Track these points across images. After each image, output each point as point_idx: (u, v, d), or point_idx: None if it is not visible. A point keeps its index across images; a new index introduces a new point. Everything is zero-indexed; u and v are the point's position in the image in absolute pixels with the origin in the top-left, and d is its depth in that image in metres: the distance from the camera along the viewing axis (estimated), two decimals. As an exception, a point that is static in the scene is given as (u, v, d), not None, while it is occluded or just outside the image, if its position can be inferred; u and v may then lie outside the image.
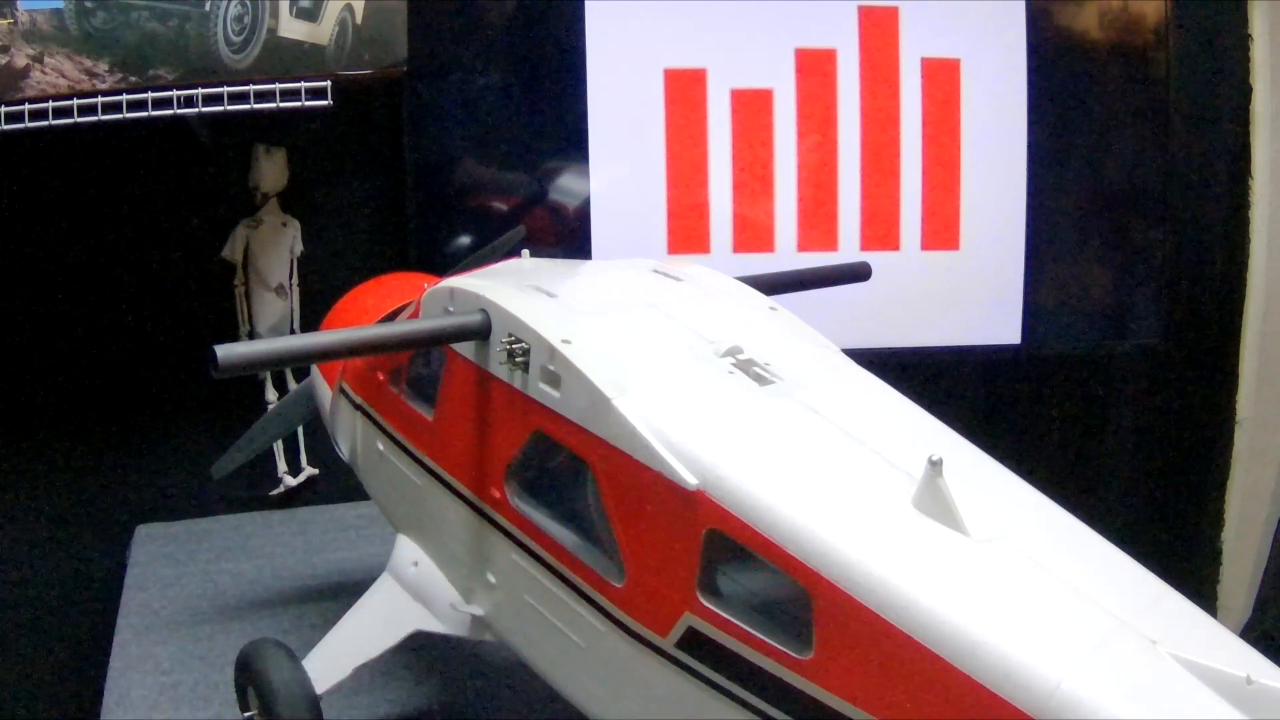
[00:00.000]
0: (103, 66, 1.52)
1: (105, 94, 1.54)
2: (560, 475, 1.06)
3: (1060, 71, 2.07)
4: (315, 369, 1.54)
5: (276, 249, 1.98)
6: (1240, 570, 2.35)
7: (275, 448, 2.00)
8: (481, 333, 1.09)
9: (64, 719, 1.94)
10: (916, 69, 2.02)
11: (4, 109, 1.49)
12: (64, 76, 1.51)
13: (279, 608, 1.69)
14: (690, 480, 0.88)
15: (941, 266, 2.07)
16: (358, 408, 1.36)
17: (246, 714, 1.26)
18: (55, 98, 1.51)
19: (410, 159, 2.01)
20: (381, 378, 1.30)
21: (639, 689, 0.96)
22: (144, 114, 1.58)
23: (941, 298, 2.08)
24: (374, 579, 1.30)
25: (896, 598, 0.78)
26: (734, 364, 1.00)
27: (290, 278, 2.00)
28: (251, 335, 1.98)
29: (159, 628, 1.63)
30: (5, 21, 1.45)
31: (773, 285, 1.23)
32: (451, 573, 1.23)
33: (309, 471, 2.06)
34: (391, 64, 1.84)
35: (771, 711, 0.85)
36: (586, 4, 1.96)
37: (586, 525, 1.01)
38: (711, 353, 1.02)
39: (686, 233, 2.02)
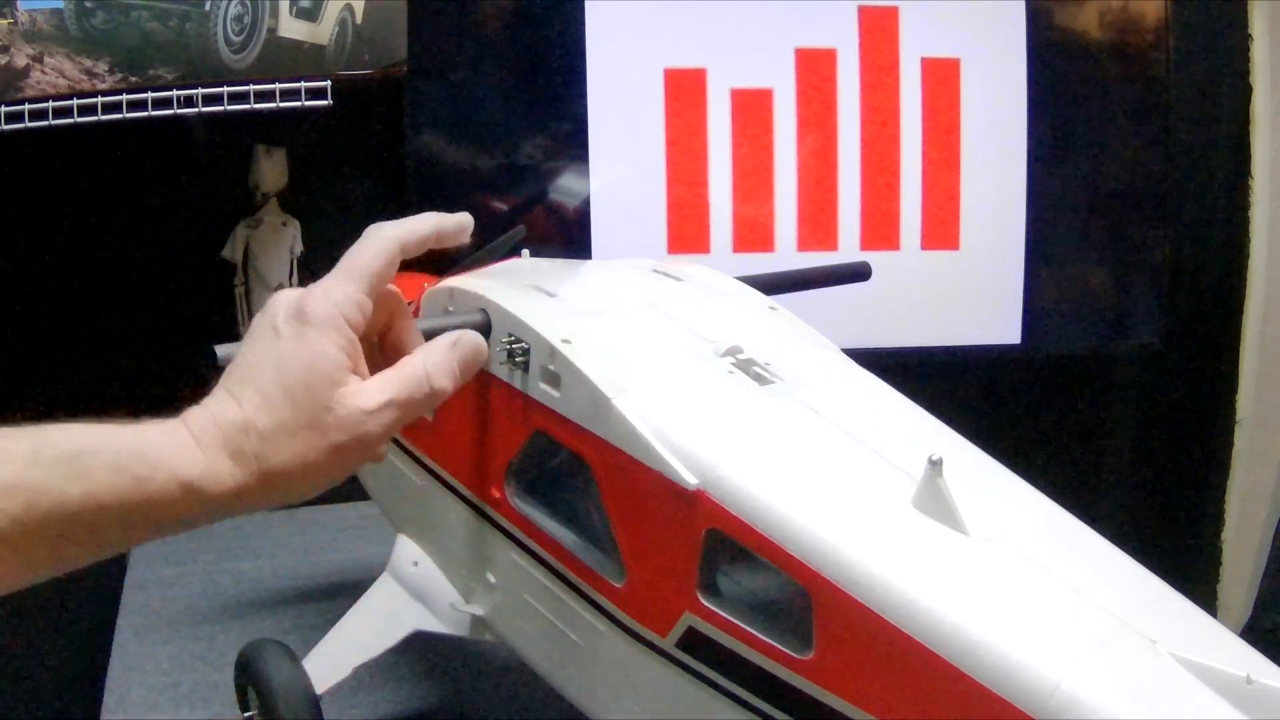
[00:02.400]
0: (103, 66, 1.53)
1: (105, 94, 1.54)
2: (560, 475, 1.06)
3: (1060, 71, 2.07)
4: (315, 369, 1.53)
5: (276, 249, 1.98)
6: (1240, 570, 2.35)
7: (275, 448, 2.00)
8: (481, 332, 1.09)
9: (64, 719, 1.94)
10: (916, 69, 2.02)
11: (4, 109, 1.49)
12: (64, 76, 1.51)
13: (279, 608, 1.69)
14: (690, 480, 0.88)
15: (941, 266, 2.07)
16: (358, 408, 1.36)
17: (246, 714, 1.26)
18: (55, 98, 1.51)
19: (410, 159, 2.01)
20: (381, 378, 1.30)
21: (639, 689, 0.96)
22: (144, 114, 1.58)
23: (941, 298, 2.08)
24: (374, 579, 1.30)
25: (896, 597, 0.78)
26: (734, 364, 1.00)
27: (290, 278, 2.00)
28: (251, 335, 1.98)
29: (159, 628, 1.63)
30: (5, 21, 1.45)
31: (773, 285, 1.23)
32: (451, 573, 1.23)
33: (309, 471, 2.05)
34: (391, 64, 1.84)
35: (771, 711, 0.85)
36: (586, 4, 1.96)
37: (586, 525, 1.01)
38: (711, 353, 1.02)
39: (686, 233, 2.02)
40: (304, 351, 0.75)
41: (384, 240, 0.83)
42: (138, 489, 0.72)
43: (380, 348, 0.84)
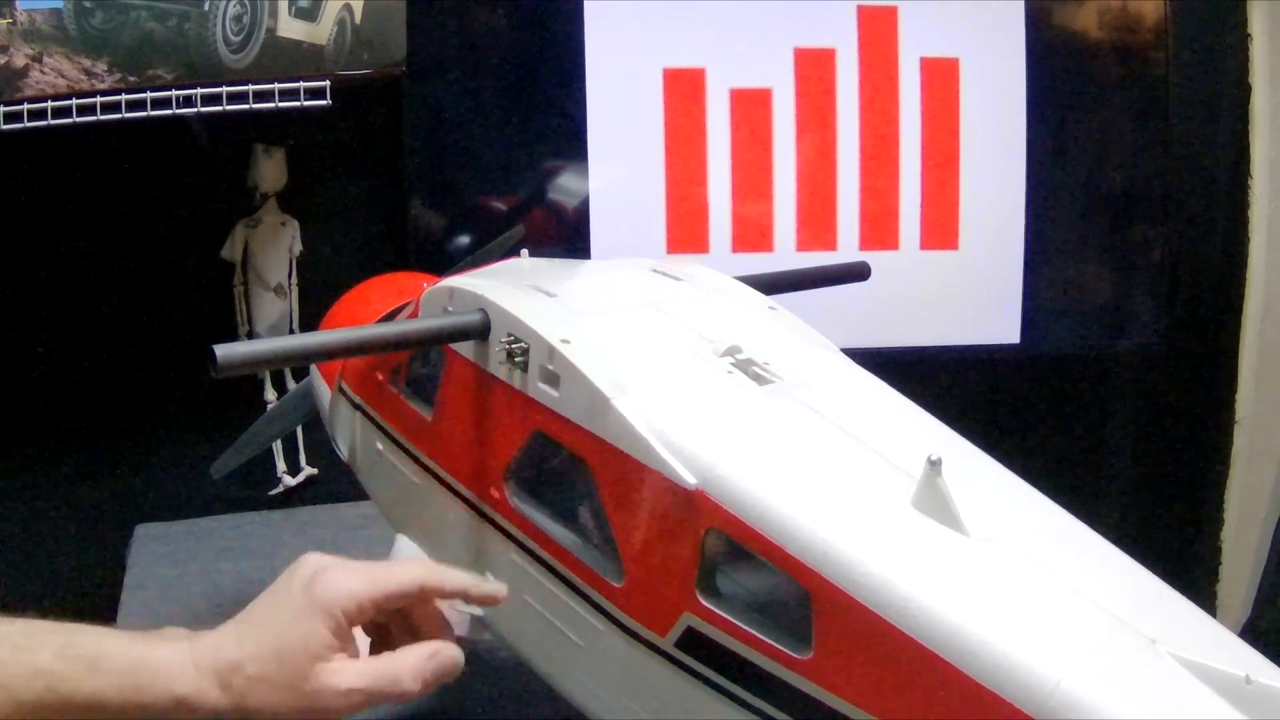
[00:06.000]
0: (101, 66, 1.52)
1: (104, 94, 1.54)
2: (559, 475, 1.06)
3: (1059, 71, 2.07)
4: (314, 368, 1.53)
5: (275, 249, 1.98)
6: (1240, 570, 2.35)
7: (274, 447, 2.00)
8: (480, 332, 1.09)
9: (63, 719, 1.94)
10: (915, 69, 2.02)
11: (2, 109, 1.49)
12: (63, 76, 1.50)
13: (278, 608, 1.68)
14: (689, 480, 0.88)
15: (940, 266, 2.07)
16: (357, 407, 1.36)
17: (246, 714, 1.26)
18: (54, 97, 1.51)
19: (409, 159, 2.01)
20: (380, 377, 1.30)
21: (638, 688, 0.96)
22: (143, 114, 1.58)
23: (940, 297, 2.08)
24: (373, 579, 1.30)
25: (895, 597, 0.77)
26: (733, 363, 1.00)
27: (289, 277, 2.00)
28: (251, 335, 1.98)
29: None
30: (4, 21, 1.45)
31: (772, 285, 1.23)
32: (451, 572, 1.23)
33: (308, 471, 2.06)
34: (390, 64, 1.84)
35: (771, 711, 0.84)
36: (586, 4, 1.96)
37: (586, 525, 1.01)
38: (711, 352, 1.01)
39: (685, 232, 2.02)
40: (303, 625, 0.90)
41: (410, 580, 0.94)
42: (137, 694, 0.87)
43: (405, 625, 0.96)
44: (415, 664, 0.92)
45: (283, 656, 0.89)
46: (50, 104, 1.51)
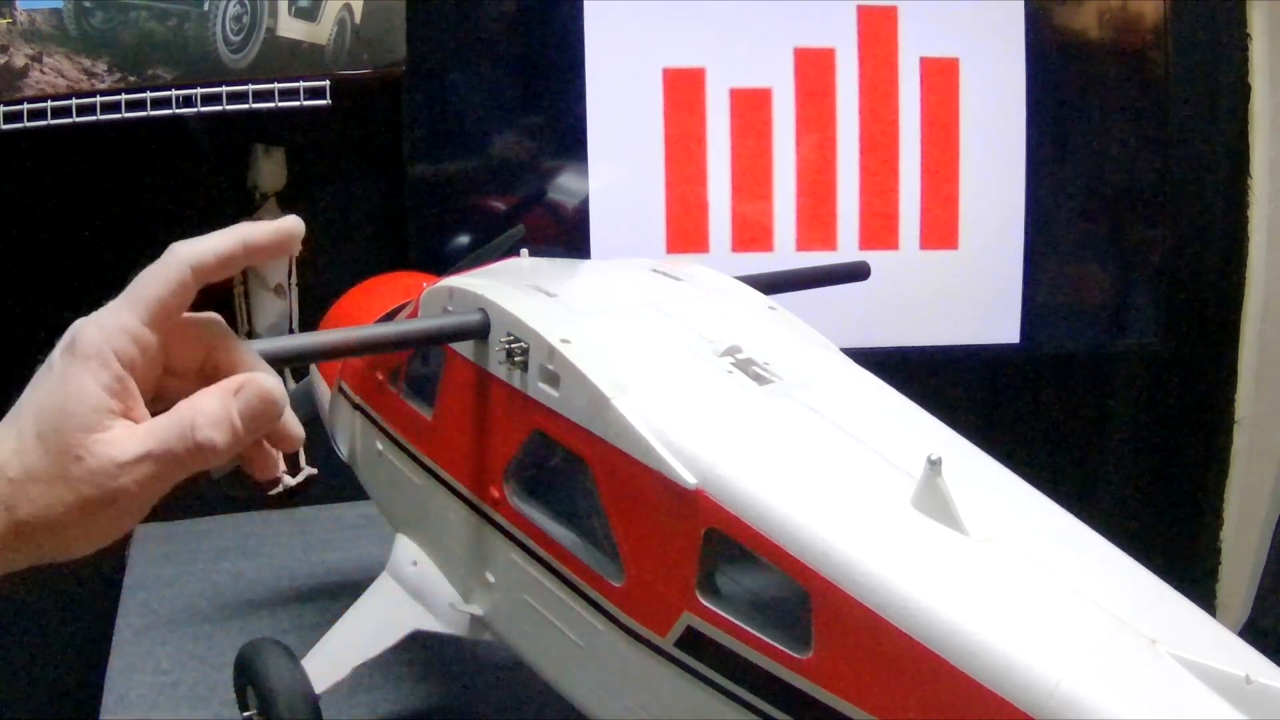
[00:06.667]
0: (101, 66, 1.53)
1: (104, 94, 1.54)
2: (559, 475, 1.06)
3: (1059, 71, 2.07)
4: (314, 368, 1.54)
5: (275, 249, 1.98)
6: (1240, 569, 2.35)
7: (274, 447, 2.00)
8: (480, 332, 1.09)
9: (64, 719, 1.94)
10: (915, 68, 2.02)
11: (2, 109, 1.49)
12: (63, 76, 1.51)
13: (278, 608, 1.69)
14: (689, 479, 0.88)
15: (940, 266, 2.07)
16: (356, 407, 1.36)
17: (246, 714, 1.26)
18: (54, 97, 1.51)
19: (410, 159, 2.01)
20: (380, 377, 1.30)
21: (638, 688, 0.96)
22: (142, 114, 1.58)
23: (940, 297, 2.08)
24: (374, 579, 1.30)
25: (895, 597, 0.77)
26: (733, 363, 1.00)
27: (289, 277, 2.00)
28: (250, 335, 1.98)
29: (158, 628, 1.63)
30: (4, 21, 1.45)
31: (772, 285, 1.23)
32: (450, 572, 1.23)
33: (308, 471, 2.05)
34: (390, 64, 1.84)
35: (770, 710, 0.84)
36: (585, 4, 1.96)
37: (585, 525, 1.01)
38: (711, 352, 1.01)
39: (685, 232, 2.02)
40: (62, 390, 0.66)
41: (173, 265, 0.71)
42: None
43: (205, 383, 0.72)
44: (215, 406, 0.67)
45: (46, 439, 0.64)
46: (50, 104, 1.51)
